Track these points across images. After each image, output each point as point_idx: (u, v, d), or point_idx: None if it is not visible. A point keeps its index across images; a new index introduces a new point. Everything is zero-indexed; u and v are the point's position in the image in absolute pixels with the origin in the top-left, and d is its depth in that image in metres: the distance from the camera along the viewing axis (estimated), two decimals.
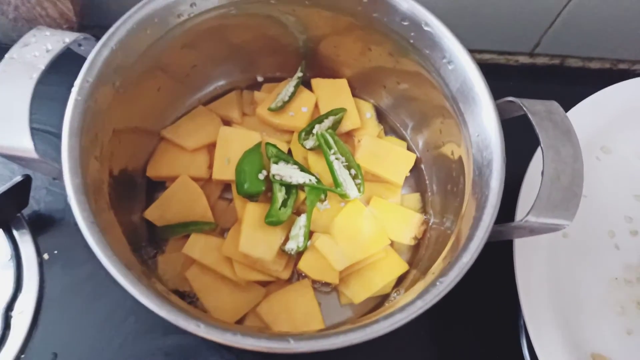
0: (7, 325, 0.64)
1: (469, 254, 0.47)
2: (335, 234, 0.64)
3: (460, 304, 0.62)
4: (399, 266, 0.66)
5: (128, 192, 0.65)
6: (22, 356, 0.64)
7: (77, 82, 0.50)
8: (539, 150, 0.68)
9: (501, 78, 0.87)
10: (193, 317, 0.42)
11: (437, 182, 0.70)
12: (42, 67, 0.50)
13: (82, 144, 0.48)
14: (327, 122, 0.70)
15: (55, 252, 0.70)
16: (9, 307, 0.65)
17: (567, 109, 0.71)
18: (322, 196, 0.66)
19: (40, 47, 0.51)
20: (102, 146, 0.52)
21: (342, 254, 0.62)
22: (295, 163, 0.66)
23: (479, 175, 0.53)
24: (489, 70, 0.56)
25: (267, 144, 0.67)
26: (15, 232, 0.70)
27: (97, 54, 0.51)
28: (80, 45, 0.55)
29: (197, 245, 0.62)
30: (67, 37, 0.52)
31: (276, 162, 0.65)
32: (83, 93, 0.50)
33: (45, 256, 0.69)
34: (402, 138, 0.75)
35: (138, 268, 0.48)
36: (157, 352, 0.65)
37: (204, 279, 0.62)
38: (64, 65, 0.51)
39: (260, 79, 0.77)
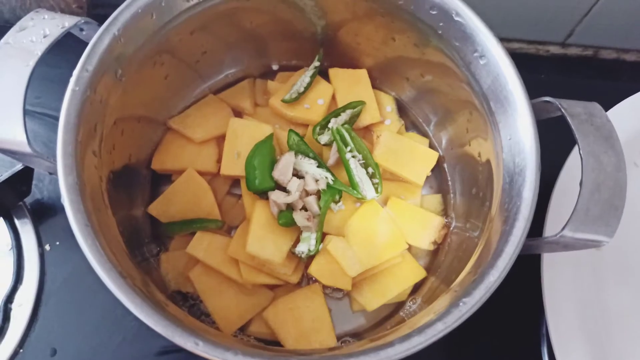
0: (6, 318, 0.62)
1: (497, 272, 0.43)
2: (350, 237, 0.60)
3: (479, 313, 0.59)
4: (417, 273, 0.62)
5: (131, 185, 0.61)
6: (21, 350, 0.62)
7: (76, 72, 0.46)
8: (572, 154, 0.63)
9: (530, 69, 0.82)
10: (191, 334, 0.39)
11: (461, 183, 0.65)
12: (39, 53, 0.47)
13: (78, 138, 0.45)
14: (344, 116, 0.65)
15: (57, 243, 0.67)
16: (9, 299, 0.63)
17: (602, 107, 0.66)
18: (337, 196, 0.61)
19: (38, 31, 0.48)
20: (102, 139, 0.49)
21: (356, 258, 0.59)
22: (315, 157, 0.62)
23: (510, 184, 0.48)
24: (516, 61, 0.51)
25: (290, 130, 0.63)
26: (16, 221, 0.68)
27: (97, 40, 0.47)
28: (81, 30, 0.51)
29: (202, 245, 0.59)
30: (66, 22, 0.49)
31: (296, 152, 0.62)
32: (81, 83, 0.46)
33: (47, 247, 0.67)
34: (424, 134, 0.70)
35: (135, 273, 0.45)
36: (158, 351, 0.63)
37: (208, 281, 0.58)
38: (74, 46, 0.48)
39: (275, 67, 0.72)
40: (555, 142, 0.53)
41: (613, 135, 0.47)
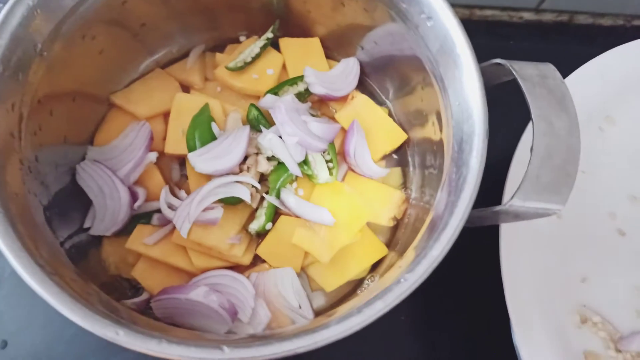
0: None
1: (440, 246, 0.40)
2: (312, 222, 0.57)
3: (443, 288, 0.57)
4: (377, 250, 0.59)
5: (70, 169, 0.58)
6: None
7: None
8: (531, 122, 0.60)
9: (504, 37, 0.80)
10: (112, 324, 0.36)
11: (420, 155, 0.62)
12: None
13: None
14: (302, 85, 0.62)
15: None
16: None
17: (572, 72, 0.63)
18: (293, 176, 0.59)
19: None
20: (22, 120, 0.46)
21: (325, 242, 0.56)
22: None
23: (458, 152, 0.45)
24: (490, 28, 0.48)
25: (251, 105, 0.61)
26: None
27: (9, 12, 0.44)
28: None
29: (143, 238, 0.55)
30: None
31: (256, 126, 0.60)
32: None
33: None
34: (382, 104, 0.67)
35: (61, 256, 0.43)
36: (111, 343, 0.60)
37: (154, 275, 0.56)
38: None
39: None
40: (519, 111, 0.50)
41: (566, 98, 0.45)
